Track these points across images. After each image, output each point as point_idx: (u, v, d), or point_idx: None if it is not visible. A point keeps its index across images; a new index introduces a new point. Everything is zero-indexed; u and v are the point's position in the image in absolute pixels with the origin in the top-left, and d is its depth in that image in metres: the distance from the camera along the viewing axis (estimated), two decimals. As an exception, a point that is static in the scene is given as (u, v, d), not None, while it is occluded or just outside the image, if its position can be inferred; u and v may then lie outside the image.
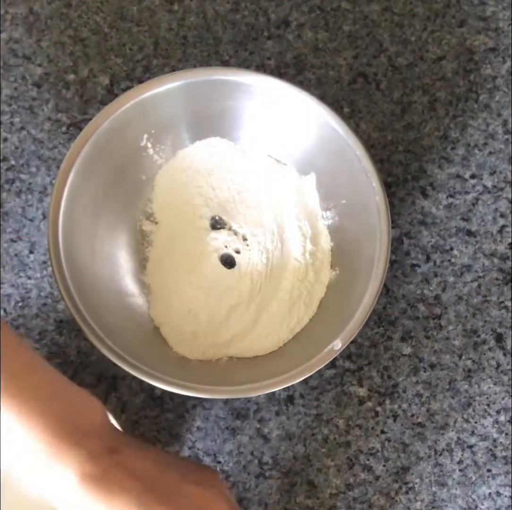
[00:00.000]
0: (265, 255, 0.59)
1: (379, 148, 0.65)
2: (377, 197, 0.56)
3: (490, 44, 0.66)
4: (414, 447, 0.60)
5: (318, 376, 0.61)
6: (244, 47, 0.66)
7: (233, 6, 0.67)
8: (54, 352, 0.61)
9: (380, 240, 0.56)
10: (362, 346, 0.62)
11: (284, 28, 0.66)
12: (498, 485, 0.60)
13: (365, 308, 0.55)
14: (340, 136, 0.57)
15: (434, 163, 0.65)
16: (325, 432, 0.60)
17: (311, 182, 0.61)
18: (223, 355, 0.59)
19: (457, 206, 0.64)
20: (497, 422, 0.61)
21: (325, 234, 0.61)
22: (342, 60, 0.66)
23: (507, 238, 0.64)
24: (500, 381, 0.61)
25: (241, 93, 0.59)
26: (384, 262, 0.55)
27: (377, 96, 0.65)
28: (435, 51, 0.66)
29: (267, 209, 0.61)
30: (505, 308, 0.62)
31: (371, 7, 0.67)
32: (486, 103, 0.66)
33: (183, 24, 0.67)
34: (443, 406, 0.61)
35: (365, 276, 0.56)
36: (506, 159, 0.65)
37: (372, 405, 0.61)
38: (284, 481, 0.60)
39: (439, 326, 0.62)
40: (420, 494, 0.60)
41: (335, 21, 0.66)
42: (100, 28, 0.67)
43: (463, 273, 0.63)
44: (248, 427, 0.60)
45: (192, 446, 0.60)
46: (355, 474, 0.60)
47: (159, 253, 0.60)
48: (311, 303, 0.59)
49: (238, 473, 0.60)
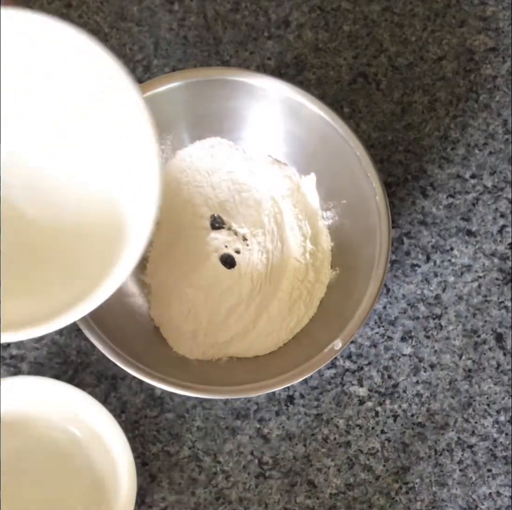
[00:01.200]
0: (265, 255, 0.59)
1: (379, 148, 0.65)
2: (377, 197, 0.56)
3: (490, 44, 0.66)
4: (414, 447, 0.60)
5: (318, 376, 0.61)
6: (244, 47, 0.66)
7: (234, 6, 0.67)
8: (54, 352, 0.61)
9: (380, 240, 0.56)
10: (362, 346, 0.62)
11: (284, 28, 0.66)
12: (498, 485, 0.60)
13: (365, 308, 0.55)
14: (340, 136, 0.57)
15: (434, 163, 0.65)
16: (325, 432, 0.60)
17: (311, 182, 0.61)
18: (223, 355, 0.59)
19: (457, 206, 0.64)
20: (497, 422, 0.61)
21: (325, 234, 0.61)
22: (342, 60, 0.66)
23: (507, 238, 0.64)
24: (500, 381, 0.61)
25: (241, 93, 0.59)
26: (384, 262, 0.55)
27: (377, 96, 0.65)
28: (435, 51, 0.66)
29: (267, 209, 0.61)
30: (505, 308, 0.62)
31: (371, 7, 0.67)
32: (486, 103, 0.66)
33: (184, 24, 0.67)
34: (443, 406, 0.61)
35: (365, 276, 0.56)
36: (506, 159, 0.65)
37: (372, 405, 0.61)
38: (284, 481, 0.60)
39: (439, 326, 0.62)
40: (420, 494, 0.60)
41: (335, 21, 0.66)
42: (100, 28, 0.67)
43: (463, 273, 0.63)
44: (248, 427, 0.60)
45: (192, 446, 0.60)
46: (355, 474, 0.60)
47: (159, 253, 0.60)
48: (311, 303, 0.59)
49: (238, 473, 0.60)
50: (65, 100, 0.47)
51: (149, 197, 0.45)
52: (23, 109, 0.47)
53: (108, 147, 0.47)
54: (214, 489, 0.60)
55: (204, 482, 0.60)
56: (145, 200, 0.45)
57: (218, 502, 0.60)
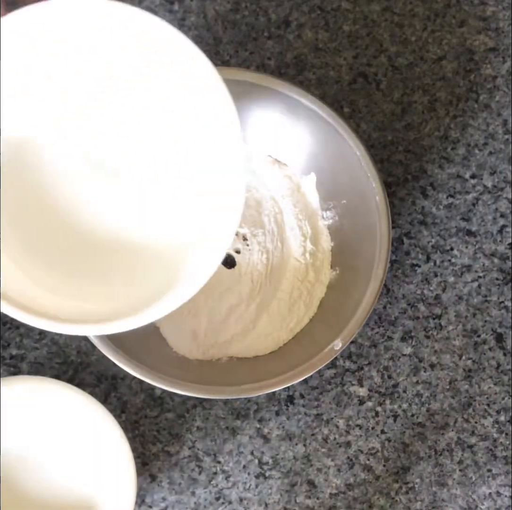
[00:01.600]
0: (265, 255, 0.59)
1: (379, 148, 0.65)
2: (377, 197, 0.56)
3: (490, 44, 0.66)
4: (414, 447, 0.60)
5: (318, 376, 0.61)
6: (244, 47, 0.66)
7: (233, 6, 0.67)
8: (54, 352, 0.61)
9: (380, 240, 0.56)
10: (362, 346, 0.62)
11: (284, 28, 0.66)
12: (498, 485, 0.60)
13: (365, 308, 0.55)
14: (340, 136, 0.57)
15: (434, 163, 0.65)
16: (325, 432, 0.60)
17: (311, 182, 0.61)
18: (223, 355, 0.59)
19: (457, 206, 0.64)
20: (497, 422, 0.61)
21: (325, 234, 0.61)
22: (342, 60, 0.66)
23: (507, 238, 0.64)
24: (500, 381, 0.61)
25: (241, 93, 0.58)
26: (384, 262, 0.55)
27: (377, 96, 0.65)
28: (435, 51, 0.66)
29: (267, 209, 0.61)
30: (505, 308, 0.62)
31: (371, 7, 0.67)
32: (486, 103, 0.66)
33: (184, 24, 0.67)
34: (443, 406, 0.61)
35: (365, 276, 0.56)
36: (506, 159, 0.65)
37: (372, 405, 0.61)
38: (284, 481, 0.60)
39: (439, 326, 0.62)
40: (420, 494, 0.60)
41: (335, 21, 0.66)
42: (100, 28, 0.67)
43: (463, 273, 0.63)
44: (248, 427, 0.60)
45: (192, 446, 0.60)
46: (355, 474, 0.60)
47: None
48: (311, 303, 0.59)
49: (238, 473, 0.60)
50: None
51: (234, 203, 0.44)
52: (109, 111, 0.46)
53: (196, 162, 0.46)
54: (214, 489, 0.60)
55: (204, 482, 0.60)
56: (229, 211, 0.44)
57: (218, 502, 0.60)
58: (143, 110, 0.45)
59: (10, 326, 0.61)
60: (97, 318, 0.43)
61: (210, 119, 0.44)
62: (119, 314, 0.43)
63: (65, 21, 0.42)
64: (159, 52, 0.43)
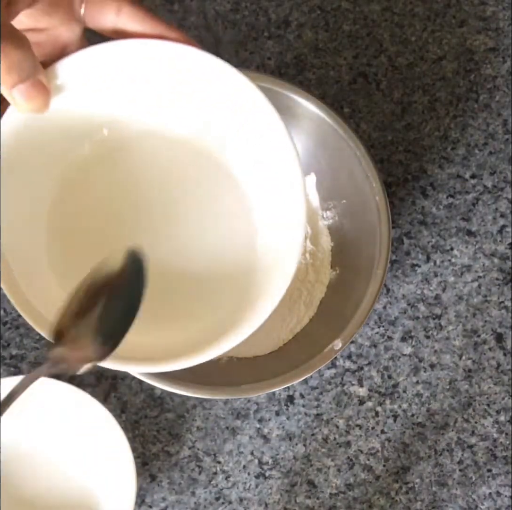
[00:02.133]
0: (265, 255, 0.59)
1: (379, 148, 0.65)
2: (377, 197, 0.56)
3: (490, 44, 0.66)
4: (414, 447, 0.60)
5: (318, 376, 0.61)
6: (244, 47, 0.66)
7: (233, 6, 0.67)
8: (54, 352, 0.61)
9: (380, 240, 0.56)
10: (362, 346, 0.62)
11: (284, 28, 0.66)
12: (498, 485, 0.60)
13: (365, 308, 0.55)
14: (340, 136, 0.57)
15: (434, 163, 0.65)
16: (325, 432, 0.60)
17: (311, 182, 0.61)
18: (223, 355, 0.59)
19: (457, 206, 0.64)
20: (497, 422, 0.61)
21: (325, 234, 0.61)
22: (342, 60, 0.66)
23: (507, 238, 0.64)
24: (500, 381, 0.61)
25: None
26: (384, 262, 0.55)
27: (377, 96, 0.65)
28: (435, 51, 0.66)
29: (267, 209, 0.61)
30: (505, 308, 0.62)
31: (371, 7, 0.67)
32: (486, 103, 0.66)
33: (184, 24, 0.67)
34: (443, 406, 0.61)
35: (365, 276, 0.56)
36: (506, 159, 0.65)
37: (372, 405, 0.61)
38: (284, 481, 0.60)
39: (439, 326, 0.62)
40: (420, 494, 0.60)
41: (335, 21, 0.66)
42: (100, 28, 0.67)
43: (463, 273, 0.63)
44: (248, 427, 0.60)
45: (192, 446, 0.60)
46: (355, 474, 0.60)
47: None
48: (311, 303, 0.59)
49: (238, 473, 0.60)
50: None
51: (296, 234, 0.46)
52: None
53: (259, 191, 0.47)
54: (214, 489, 0.60)
55: (204, 482, 0.60)
56: (293, 234, 0.45)
57: (218, 502, 0.60)
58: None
59: (10, 326, 0.61)
60: (175, 354, 0.43)
61: (276, 173, 0.46)
62: (194, 347, 0.43)
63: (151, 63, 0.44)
64: (226, 96, 0.45)
